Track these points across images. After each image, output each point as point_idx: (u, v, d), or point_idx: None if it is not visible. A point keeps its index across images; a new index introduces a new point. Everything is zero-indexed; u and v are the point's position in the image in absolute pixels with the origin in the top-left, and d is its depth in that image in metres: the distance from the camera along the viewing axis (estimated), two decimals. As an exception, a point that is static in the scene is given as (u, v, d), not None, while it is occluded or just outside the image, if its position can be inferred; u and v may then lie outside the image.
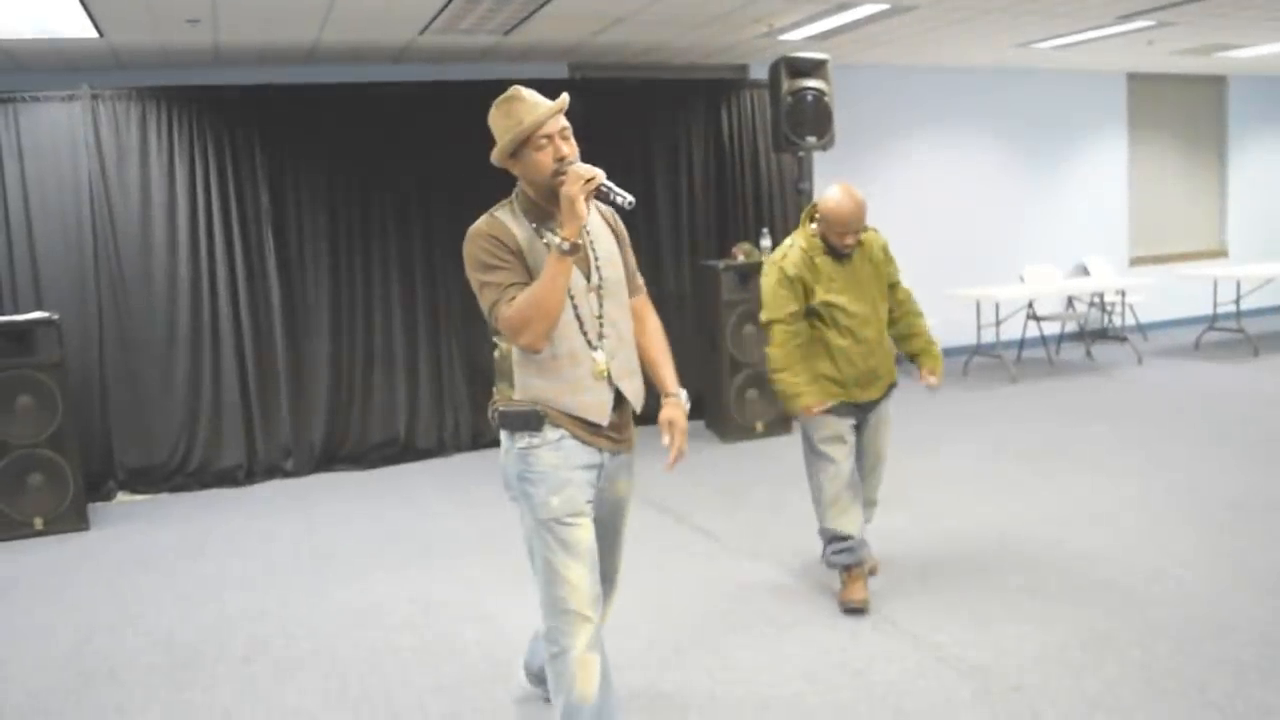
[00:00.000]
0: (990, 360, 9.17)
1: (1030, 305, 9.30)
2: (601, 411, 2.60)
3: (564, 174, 2.47)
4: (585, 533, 2.59)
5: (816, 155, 7.31)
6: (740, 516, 5.23)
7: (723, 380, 6.85)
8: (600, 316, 2.61)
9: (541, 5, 5.78)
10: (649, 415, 2.73)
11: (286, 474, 6.52)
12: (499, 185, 7.40)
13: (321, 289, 6.63)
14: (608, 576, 2.79)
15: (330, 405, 6.67)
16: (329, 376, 6.66)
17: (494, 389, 2.73)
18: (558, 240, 2.43)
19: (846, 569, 3.91)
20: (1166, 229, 11.12)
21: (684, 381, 2.88)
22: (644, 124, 7.30)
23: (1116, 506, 5.00)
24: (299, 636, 3.94)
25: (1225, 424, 6.57)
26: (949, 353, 9.37)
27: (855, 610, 3.85)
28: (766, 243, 7.06)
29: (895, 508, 5.08)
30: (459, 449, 7.00)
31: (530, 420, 2.56)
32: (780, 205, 7.81)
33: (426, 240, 6.87)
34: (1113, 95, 10.53)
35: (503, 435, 2.65)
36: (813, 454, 3.93)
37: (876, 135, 9.15)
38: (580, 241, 2.49)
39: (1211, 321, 10.07)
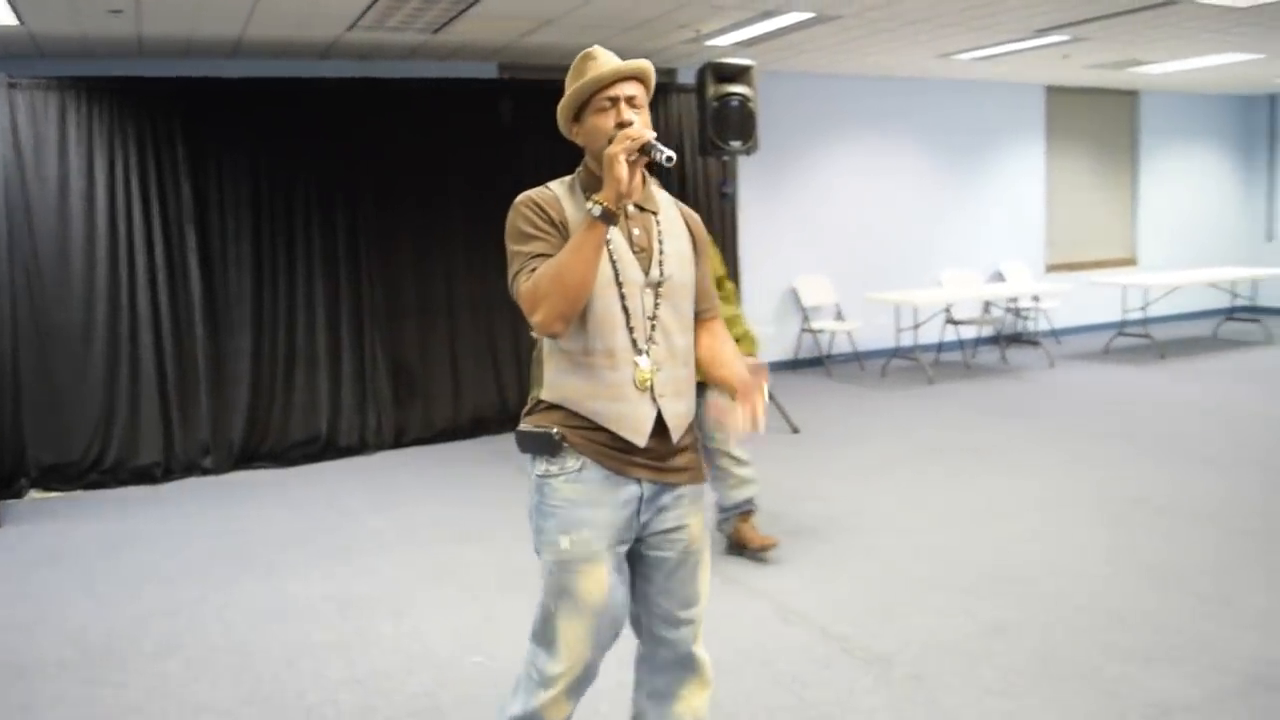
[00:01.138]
0: (908, 363, 9.40)
1: (948, 309, 9.55)
2: (639, 427, 2.14)
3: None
4: (591, 584, 2.15)
5: (741, 159, 7.45)
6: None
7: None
8: (654, 319, 2.18)
9: (470, 5, 5.82)
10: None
11: (205, 471, 6.45)
12: (426, 184, 7.46)
13: (244, 285, 6.57)
14: (687, 643, 2.31)
15: (251, 402, 6.61)
16: (250, 373, 6.60)
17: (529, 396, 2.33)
18: (589, 204, 2.05)
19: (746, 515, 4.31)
20: (1080, 237, 11.48)
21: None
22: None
23: (1022, 503, 5.18)
24: (212, 633, 3.93)
25: (1130, 425, 6.83)
26: (870, 355, 9.65)
27: (760, 555, 4.28)
28: (691, 245, 7.15)
29: (809, 503, 5.21)
30: (381, 447, 6.98)
31: (546, 444, 2.16)
32: (705, 208, 7.90)
33: (351, 237, 6.85)
34: (1031, 107, 10.85)
35: (527, 458, 2.25)
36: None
37: (800, 141, 9.33)
38: (618, 211, 2.05)
39: (1120, 327, 10.44)
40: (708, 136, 6.98)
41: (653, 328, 2.17)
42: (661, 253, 2.21)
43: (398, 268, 7.02)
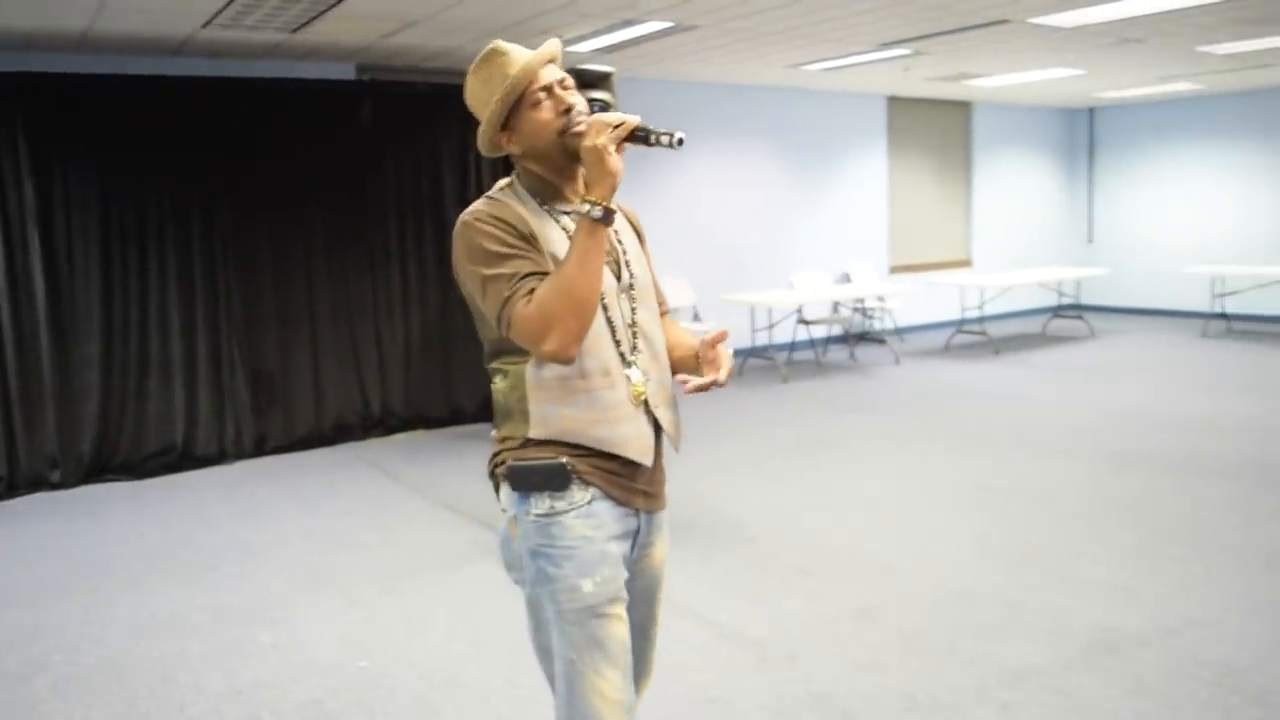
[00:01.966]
0: (763, 362, 9.71)
1: (799, 310, 9.91)
2: (645, 448, 1.98)
3: (577, 126, 1.89)
4: (622, 627, 1.95)
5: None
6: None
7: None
8: (633, 325, 2.01)
9: (333, 4, 5.74)
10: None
11: (53, 486, 6.16)
12: (285, 186, 7.34)
13: (92, 290, 6.30)
14: (645, 668, 2.19)
15: (101, 412, 6.34)
16: (100, 382, 6.33)
17: (493, 433, 2.04)
18: (587, 205, 1.81)
19: None
20: (920, 240, 12.07)
21: (472, 383, 2.40)
22: (433, 127, 7.32)
23: (877, 491, 5.47)
24: (80, 651, 3.79)
25: (971, 416, 7.25)
26: (728, 355, 9.90)
27: None
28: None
29: (679, 498, 5.35)
30: (241, 456, 6.80)
31: (555, 478, 1.90)
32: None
33: (207, 240, 6.65)
34: (874, 116, 11.35)
35: (508, 498, 1.96)
36: None
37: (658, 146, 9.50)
38: (615, 209, 1.87)
39: (959, 325, 11.03)
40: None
41: (634, 335, 2.00)
42: (625, 253, 2.04)
43: (256, 272, 6.85)
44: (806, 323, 9.96)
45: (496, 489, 2.00)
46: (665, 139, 1.83)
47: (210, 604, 4.22)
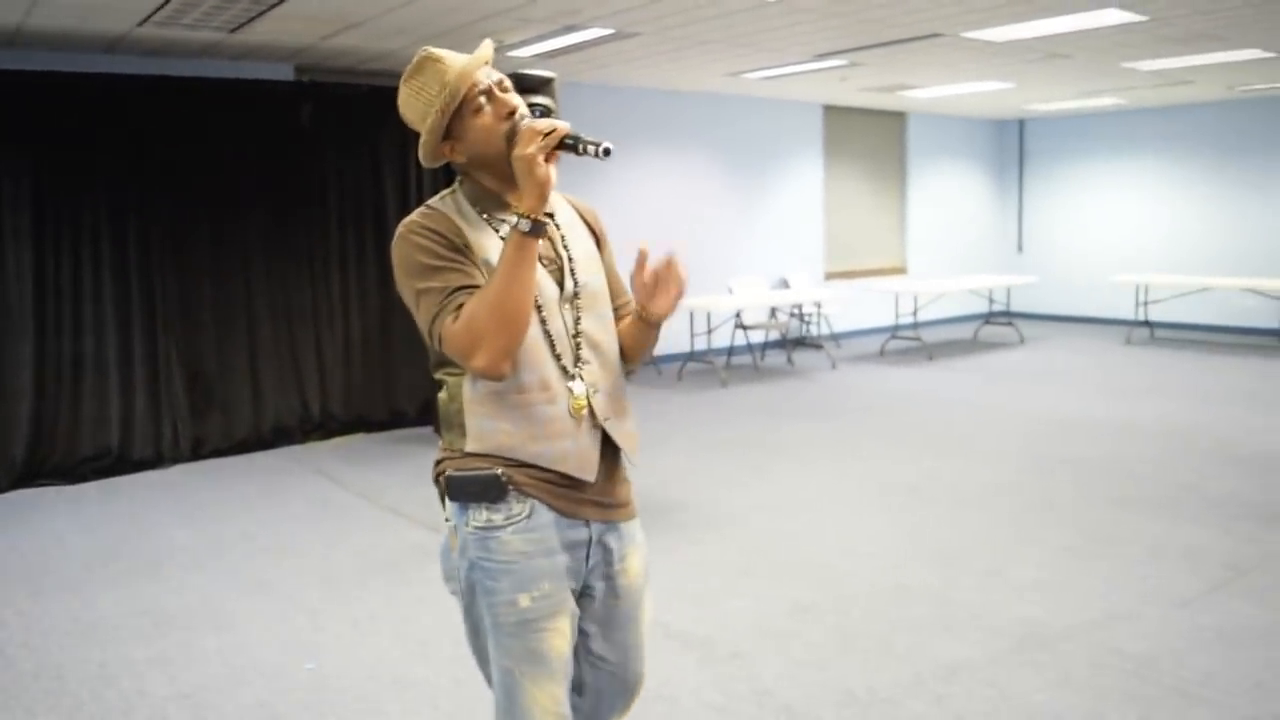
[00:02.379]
0: (703, 366, 9.82)
1: (738, 315, 10.04)
2: (587, 463, 1.93)
3: (517, 132, 1.82)
4: (562, 641, 1.92)
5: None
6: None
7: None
8: (577, 335, 1.95)
9: (275, 4, 5.71)
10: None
11: (-17, 490, 6.04)
12: (222, 187, 7.30)
13: (24, 289, 6.17)
14: (633, 685, 2.16)
15: (33, 415, 6.21)
16: (32, 384, 6.21)
17: (440, 443, 2.00)
18: (515, 216, 1.77)
19: None
20: (856, 247, 12.29)
21: (412, 386, 2.15)
22: (373, 130, 7.30)
23: (815, 493, 5.59)
24: (18, 658, 3.74)
25: (906, 420, 7.43)
26: (666, 360, 10.01)
27: None
28: (497, 252, 7.26)
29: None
30: (178, 460, 6.71)
31: (489, 488, 1.87)
32: (510, 216, 8.02)
33: (142, 240, 6.55)
34: (811, 124, 11.54)
35: (448, 508, 1.94)
36: None
37: (600, 151, 9.56)
38: (545, 220, 1.82)
39: (894, 331, 11.25)
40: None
41: (579, 345, 1.94)
42: (570, 260, 1.98)
43: (193, 273, 6.77)
44: (745, 327, 10.09)
45: (441, 498, 1.97)
46: (593, 148, 1.80)
47: (152, 609, 4.18)
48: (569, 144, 1.80)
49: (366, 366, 7.48)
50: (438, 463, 1.96)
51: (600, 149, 1.80)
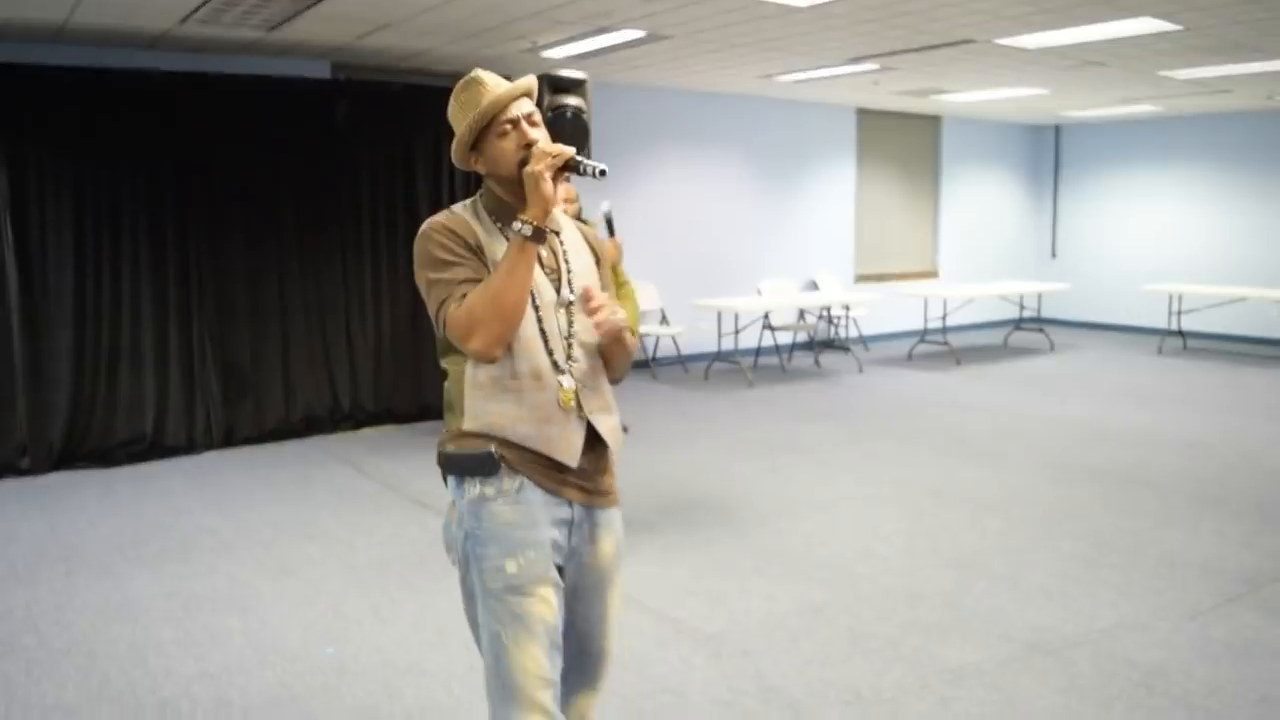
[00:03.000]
0: (729, 366, 9.87)
1: (766, 316, 10.07)
2: (570, 449, 2.13)
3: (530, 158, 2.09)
4: (546, 608, 2.10)
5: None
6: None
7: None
8: (570, 336, 2.18)
9: (313, 4, 5.83)
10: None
11: (21, 473, 6.20)
12: (255, 179, 7.42)
13: (65, 279, 6.35)
14: (595, 660, 2.30)
15: (72, 401, 6.40)
16: (71, 371, 6.39)
17: (444, 426, 2.22)
18: (518, 224, 2.03)
19: None
20: (887, 251, 12.28)
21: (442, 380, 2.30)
22: (407, 127, 7.42)
23: (835, 496, 5.63)
24: (51, 635, 3.87)
25: (930, 425, 7.44)
26: (693, 359, 10.07)
27: None
28: (527, 250, 7.34)
29: (644, 498, 5.50)
30: (210, 447, 6.87)
31: (483, 465, 2.09)
32: (540, 214, 8.11)
33: (180, 234, 6.71)
34: (844, 127, 11.54)
35: (449, 483, 2.16)
36: None
37: (631, 152, 9.65)
38: (546, 229, 2.07)
39: (922, 335, 11.23)
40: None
41: (570, 345, 2.16)
42: (570, 271, 2.22)
43: (228, 266, 6.92)
44: (773, 329, 10.12)
45: (443, 475, 2.18)
46: (591, 169, 2.07)
47: (180, 591, 4.31)
48: (572, 165, 2.07)
49: (396, 360, 7.60)
50: (440, 443, 2.17)
51: (596, 170, 2.07)
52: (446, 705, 3.28)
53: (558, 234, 2.24)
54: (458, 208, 2.21)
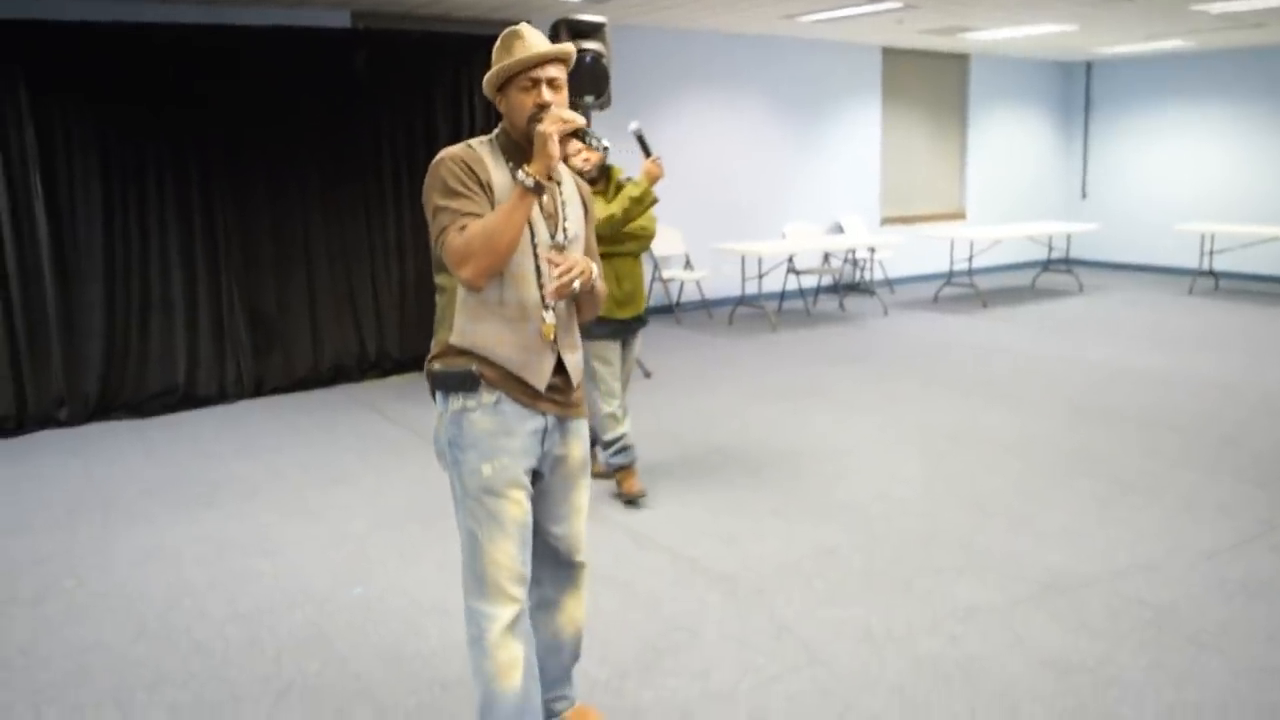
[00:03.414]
0: (754, 310, 9.88)
1: (790, 260, 10.05)
2: (542, 375, 2.38)
3: (541, 118, 2.29)
4: (518, 508, 2.38)
5: (595, 113, 7.65)
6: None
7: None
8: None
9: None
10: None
11: (60, 424, 6.35)
12: (276, 129, 7.51)
13: (94, 232, 6.45)
14: (570, 553, 2.60)
15: (105, 353, 6.53)
16: (103, 323, 6.51)
17: (432, 340, 2.46)
18: (522, 174, 2.24)
19: (623, 468, 4.66)
20: (913, 192, 12.18)
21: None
22: (427, 76, 7.42)
23: (855, 439, 5.67)
24: (90, 578, 4.02)
25: (954, 367, 7.45)
26: (717, 304, 10.09)
27: (634, 501, 4.59)
28: (548, 197, 7.36)
29: (664, 442, 5.57)
30: (241, 396, 7.00)
31: (465, 381, 2.34)
32: (562, 160, 8.11)
33: (204, 182, 6.78)
34: (869, 67, 11.40)
35: (436, 397, 2.42)
36: (590, 376, 4.50)
37: (652, 95, 9.59)
38: (546, 184, 2.28)
39: (949, 277, 11.17)
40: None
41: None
42: (565, 219, 2.45)
43: (253, 217, 6.99)
44: (797, 272, 10.11)
45: (431, 390, 2.42)
46: (596, 142, 2.32)
47: (212, 535, 4.44)
48: (580, 134, 2.29)
49: (421, 308, 7.67)
50: (428, 361, 2.42)
51: (601, 144, 2.33)
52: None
53: (559, 184, 2.46)
54: (475, 142, 2.39)
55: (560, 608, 2.65)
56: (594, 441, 4.64)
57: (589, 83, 7.22)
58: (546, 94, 2.32)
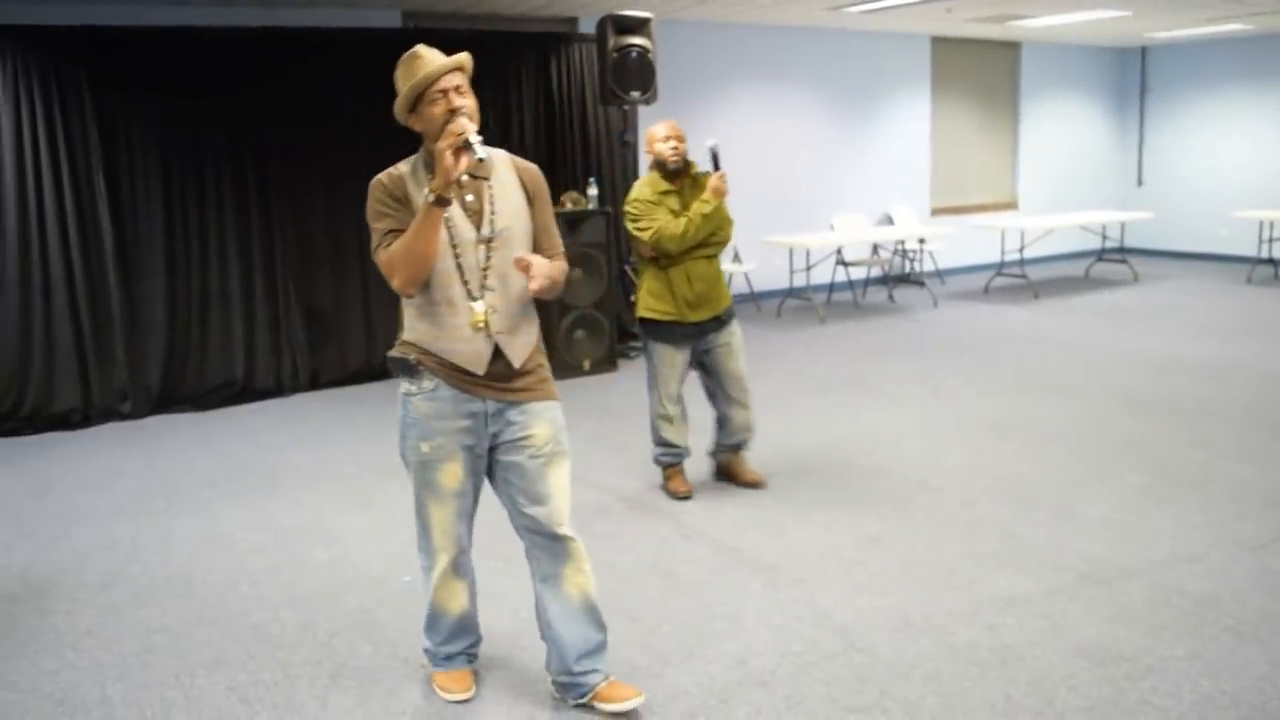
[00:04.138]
0: (801, 303, 9.89)
1: (839, 252, 10.05)
2: (477, 361, 2.68)
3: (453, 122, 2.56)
4: (449, 478, 2.76)
5: (641, 108, 7.74)
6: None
7: (552, 321, 7.23)
8: (486, 269, 2.68)
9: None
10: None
11: (123, 416, 6.58)
12: (330, 128, 7.70)
13: (155, 230, 6.67)
14: (553, 528, 2.81)
15: (166, 347, 6.75)
16: (164, 319, 6.73)
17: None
18: (425, 191, 2.56)
19: (669, 467, 4.73)
20: (964, 182, 12.08)
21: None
22: (476, 75, 7.44)
23: (899, 430, 5.69)
24: (153, 564, 4.18)
25: (1003, 359, 7.42)
26: (765, 296, 10.11)
27: (682, 498, 4.65)
28: (594, 191, 7.46)
29: (709, 434, 5.63)
30: (297, 390, 7.19)
31: (405, 367, 2.72)
32: (607, 156, 8.22)
33: (261, 182, 6.97)
34: (918, 57, 11.33)
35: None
36: (649, 375, 4.63)
37: (698, 89, 9.63)
38: (449, 197, 2.54)
39: (999, 268, 11.08)
40: (608, 86, 7.25)
41: (486, 276, 2.69)
42: (493, 212, 2.71)
43: (308, 214, 7.17)
44: (846, 264, 10.10)
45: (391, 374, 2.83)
46: (474, 150, 2.49)
47: (269, 524, 4.59)
48: (465, 145, 2.50)
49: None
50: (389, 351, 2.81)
51: (476, 157, 2.50)
52: (512, 628, 3.48)
53: (486, 179, 2.72)
54: (400, 165, 2.73)
55: (561, 579, 2.88)
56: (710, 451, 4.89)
57: (635, 78, 7.32)
58: (455, 100, 2.60)
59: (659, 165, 4.54)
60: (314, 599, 3.79)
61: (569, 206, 7.31)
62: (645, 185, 4.56)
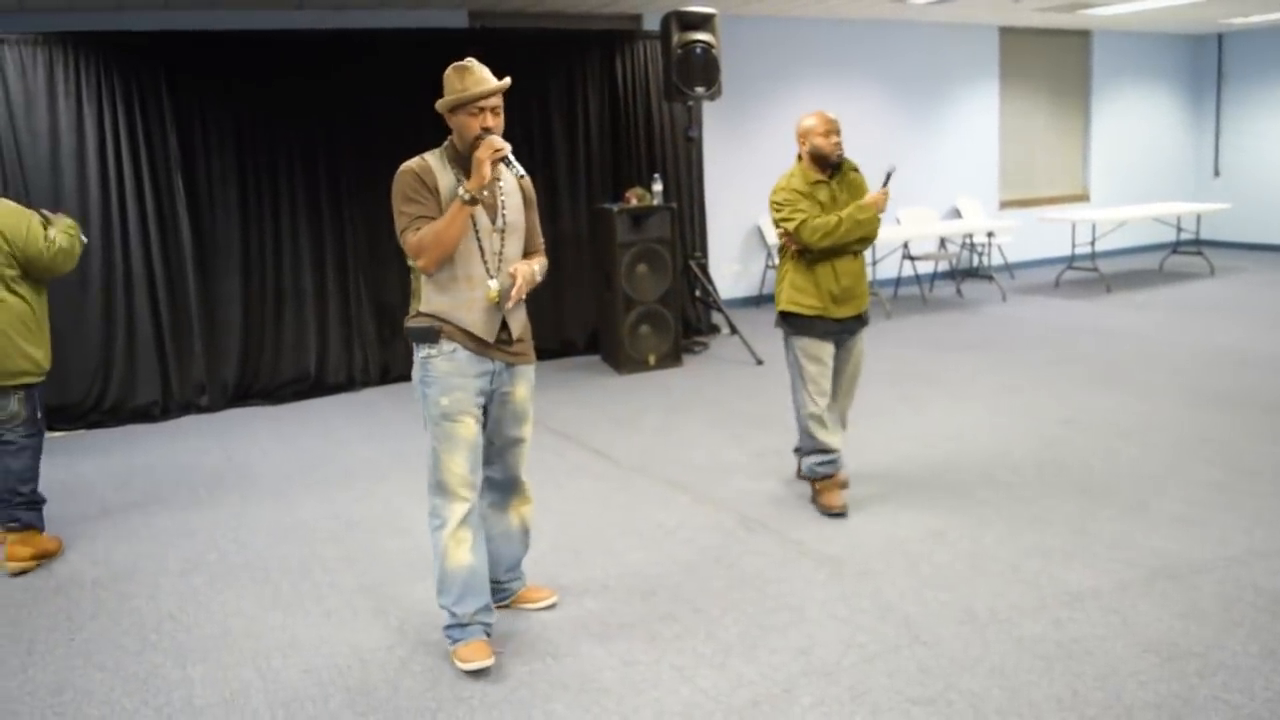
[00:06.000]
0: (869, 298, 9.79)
1: (905, 246, 9.95)
2: (489, 330, 3.14)
3: (482, 140, 3.02)
4: (467, 430, 3.13)
5: (705, 104, 7.75)
6: (633, 440, 5.73)
7: (617, 316, 7.29)
8: (500, 254, 3.17)
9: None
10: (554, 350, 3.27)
11: (201, 410, 6.78)
12: (398, 127, 7.93)
13: (231, 229, 6.86)
14: (513, 472, 3.42)
15: (242, 343, 6.94)
16: (240, 315, 6.92)
17: (410, 306, 3.23)
18: (462, 190, 2.99)
19: (824, 479, 4.44)
20: (1033, 175, 11.89)
21: (581, 318, 3.39)
22: (542, 73, 7.61)
23: (965, 424, 5.64)
24: (230, 552, 4.31)
25: (1074, 354, 7.30)
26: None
27: (836, 515, 4.36)
28: (658, 187, 7.49)
29: (771, 426, 5.63)
30: (368, 384, 7.34)
31: (429, 334, 3.11)
32: (671, 151, 8.24)
33: (332, 181, 7.12)
34: (985, 48, 11.17)
35: (413, 349, 3.17)
36: (798, 374, 4.45)
37: (762, 84, 9.61)
38: (480, 197, 3.03)
39: (1070, 261, 10.89)
40: (673, 82, 7.28)
41: (500, 260, 3.16)
42: (504, 209, 3.20)
43: (377, 212, 7.23)
44: (913, 258, 10.01)
45: (409, 345, 3.19)
46: (515, 169, 3.12)
47: (341, 514, 4.71)
48: (506, 160, 3.06)
49: (538, 299, 7.80)
50: (405, 322, 3.19)
51: (518, 172, 3.15)
52: (578, 617, 3.53)
53: (499, 180, 3.19)
54: (429, 155, 3.13)
55: (510, 507, 3.48)
56: (798, 448, 4.56)
57: (700, 74, 7.33)
58: (490, 120, 3.05)
59: (816, 158, 4.47)
60: (385, 586, 3.88)
61: (634, 203, 7.34)
62: (796, 175, 4.45)
